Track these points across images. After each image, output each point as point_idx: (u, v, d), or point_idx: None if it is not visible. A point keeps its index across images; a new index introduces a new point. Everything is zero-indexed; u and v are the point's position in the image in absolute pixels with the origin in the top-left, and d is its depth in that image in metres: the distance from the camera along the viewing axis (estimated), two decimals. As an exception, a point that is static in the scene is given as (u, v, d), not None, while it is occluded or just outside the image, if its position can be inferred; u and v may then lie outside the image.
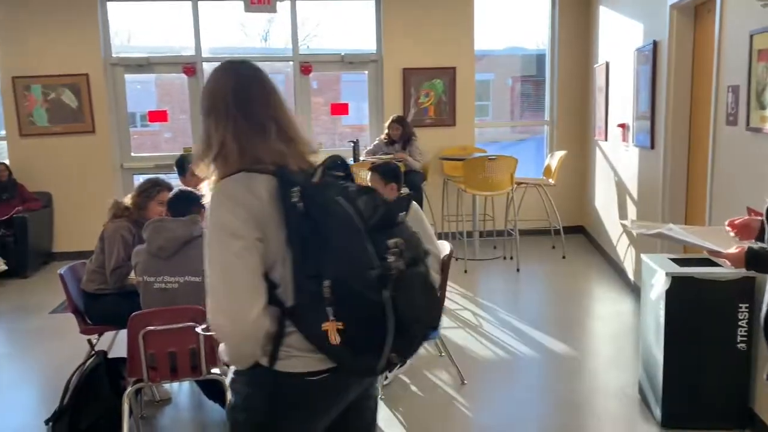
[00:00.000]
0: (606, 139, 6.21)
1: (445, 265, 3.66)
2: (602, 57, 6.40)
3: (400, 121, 6.46)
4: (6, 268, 6.00)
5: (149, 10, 7.41)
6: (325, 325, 1.42)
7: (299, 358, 1.50)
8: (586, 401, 3.49)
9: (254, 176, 1.51)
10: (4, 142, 6.77)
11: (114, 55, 6.90)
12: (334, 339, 1.42)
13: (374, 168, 3.81)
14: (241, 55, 8.36)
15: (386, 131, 6.50)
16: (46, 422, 3.28)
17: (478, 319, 4.79)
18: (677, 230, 2.23)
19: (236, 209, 1.48)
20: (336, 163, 1.60)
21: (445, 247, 3.71)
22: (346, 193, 1.50)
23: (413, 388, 3.69)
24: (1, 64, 6.58)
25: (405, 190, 4.44)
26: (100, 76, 6.72)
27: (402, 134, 6.42)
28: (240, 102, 1.59)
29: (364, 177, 5.70)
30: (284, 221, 1.46)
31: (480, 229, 6.88)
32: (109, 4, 6.80)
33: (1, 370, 4.23)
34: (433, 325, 1.64)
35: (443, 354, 4.07)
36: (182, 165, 4.39)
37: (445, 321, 4.71)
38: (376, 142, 6.65)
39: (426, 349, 4.25)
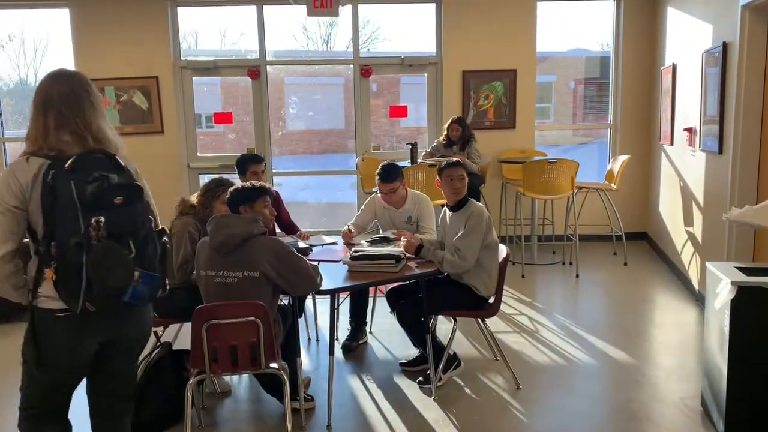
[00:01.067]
0: (672, 144, 6.03)
1: (501, 268, 3.65)
2: (669, 59, 6.22)
3: (459, 121, 6.41)
4: None
5: (216, 14, 7.66)
6: (46, 272, 2.03)
7: (50, 299, 2.07)
8: (646, 411, 3.40)
9: (34, 159, 2.07)
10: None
11: (183, 59, 7.16)
12: (50, 282, 2.02)
13: (459, 162, 3.82)
14: (303, 58, 8.51)
15: (445, 132, 6.48)
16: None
17: (535, 325, 4.74)
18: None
19: (9, 181, 2.06)
20: (92, 158, 2.09)
21: (502, 251, 3.71)
22: (80, 179, 2.01)
23: (467, 390, 3.69)
24: (77, 68, 6.92)
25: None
26: (169, 79, 6.99)
27: (461, 135, 6.37)
28: (47, 103, 2.12)
29: (421, 179, 5.73)
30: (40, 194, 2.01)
31: (539, 234, 6.80)
32: (179, 9, 7.06)
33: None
34: (122, 289, 2.05)
35: (498, 358, 4.05)
36: (241, 165, 4.51)
37: (500, 325, 4.69)
38: (435, 144, 6.66)
39: (481, 352, 4.25)
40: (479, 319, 3.81)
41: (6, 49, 7.45)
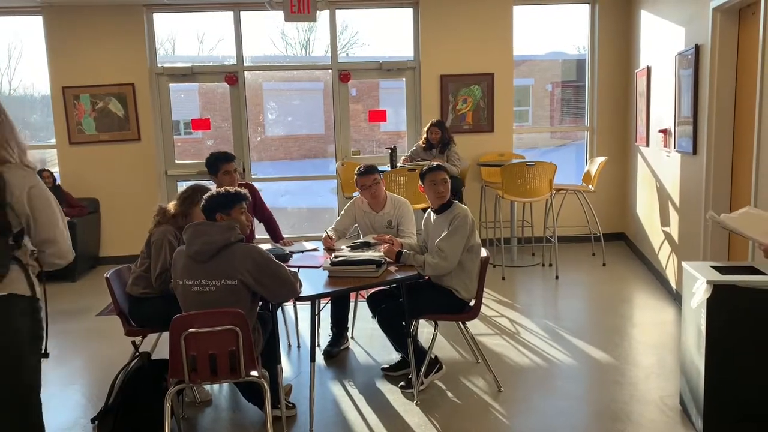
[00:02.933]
0: (647, 145, 6.11)
1: (481, 270, 3.67)
2: (643, 62, 6.31)
3: (438, 125, 6.43)
4: None
5: (193, 20, 7.62)
6: None
7: None
8: (626, 411, 3.43)
9: None
10: (54, 150, 7.02)
11: (159, 65, 7.10)
12: None
13: (441, 166, 3.83)
14: (281, 63, 8.50)
15: (424, 136, 6.49)
16: (92, 420, 3.40)
17: (516, 327, 4.76)
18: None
19: None
20: None
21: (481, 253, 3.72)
22: None
23: (449, 394, 3.69)
24: (51, 75, 6.85)
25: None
26: (146, 86, 6.92)
27: (440, 138, 6.39)
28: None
29: (401, 183, 5.74)
30: None
31: (518, 236, 6.84)
32: (155, 15, 7.00)
33: (49, 370, 4.38)
34: None
35: (480, 361, 4.06)
36: (212, 165, 4.46)
37: (481, 327, 4.70)
38: (414, 147, 6.67)
39: (462, 355, 4.26)
40: (460, 323, 3.81)
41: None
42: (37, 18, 6.83)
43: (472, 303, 3.69)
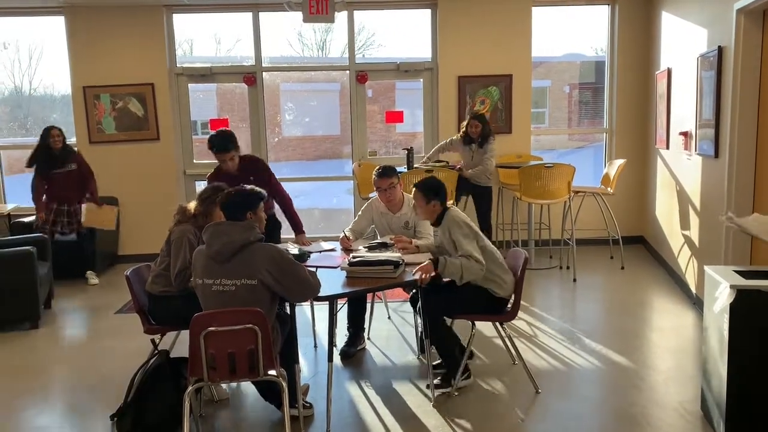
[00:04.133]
0: (667, 148, 6.05)
1: (520, 272, 3.65)
2: (664, 63, 6.25)
3: (480, 118, 6.17)
4: (97, 282, 6.41)
5: (212, 21, 7.66)
6: None
7: None
8: (645, 415, 3.40)
9: None
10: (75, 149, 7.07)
11: (178, 65, 7.15)
12: None
13: (417, 185, 3.74)
14: (298, 64, 8.53)
15: (463, 129, 6.26)
16: (111, 417, 3.42)
17: (533, 329, 4.73)
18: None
19: None
20: None
21: (519, 255, 3.75)
22: None
23: (466, 396, 3.68)
24: (72, 75, 6.92)
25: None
26: (165, 86, 6.97)
27: (481, 132, 6.15)
28: None
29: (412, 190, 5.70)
30: None
31: (535, 238, 6.80)
32: (174, 15, 7.05)
33: (69, 367, 4.43)
34: None
35: (516, 362, 4.01)
36: (226, 142, 4.47)
37: (490, 331, 4.66)
38: (449, 140, 6.44)
39: (479, 357, 4.23)
40: (498, 323, 3.78)
41: (1, 56, 7.42)
42: (59, 18, 6.91)
43: (510, 302, 3.67)
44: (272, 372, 2.95)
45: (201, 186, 4.49)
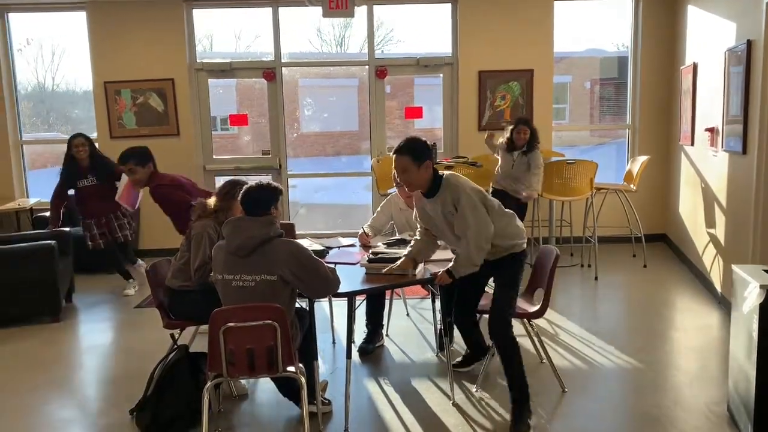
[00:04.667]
0: (692, 144, 5.93)
1: (551, 270, 3.59)
2: (689, 58, 6.13)
3: (527, 123, 5.64)
4: (134, 293, 5.87)
5: (231, 16, 7.66)
6: None
7: None
8: (670, 417, 3.33)
9: None
10: (96, 144, 7.10)
11: (198, 61, 7.16)
12: None
13: (397, 149, 3.24)
14: (318, 59, 8.51)
15: (507, 135, 5.73)
16: (131, 412, 3.44)
17: (554, 328, 4.67)
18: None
19: None
20: None
21: (551, 252, 3.67)
22: None
23: (486, 394, 3.63)
24: (94, 71, 6.96)
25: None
26: (185, 81, 6.99)
27: (529, 139, 5.59)
28: None
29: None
30: None
31: (556, 236, 6.72)
32: (194, 11, 7.06)
33: (89, 361, 4.46)
34: None
35: (544, 361, 3.94)
36: (146, 156, 4.92)
37: (519, 328, 4.60)
38: (499, 141, 5.85)
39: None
40: (526, 320, 3.74)
41: (24, 53, 7.49)
42: (80, 14, 6.95)
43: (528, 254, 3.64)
44: (291, 368, 2.94)
45: (220, 181, 4.49)
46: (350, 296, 3.28)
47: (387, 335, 4.58)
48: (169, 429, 3.25)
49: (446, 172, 3.31)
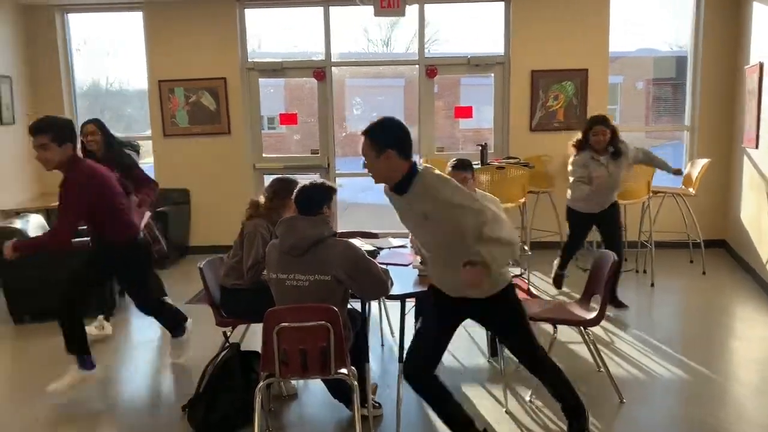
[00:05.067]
0: (757, 147, 5.69)
1: (609, 275, 3.47)
2: (754, 57, 5.87)
3: (605, 122, 4.82)
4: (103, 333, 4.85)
5: (282, 15, 7.70)
6: None
7: None
8: (730, 430, 3.18)
9: None
10: (148, 141, 7.25)
11: (249, 60, 7.22)
12: None
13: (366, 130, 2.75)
14: (366, 59, 8.48)
15: (576, 139, 4.99)
16: (183, 408, 3.46)
17: (609, 335, 4.53)
18: None
19: None
20: None
21: (608, 256, 3.55)
22: None
23: (538, 402, 3.54)
24: (149, 69, 7.09)
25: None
26: (237, 80, 7.06)
27: (611, 140, 4.81)
28: None
29: (484, 181, 5.56)
30: None
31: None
32: (246, 11, 7.13)
33: (142, 355, 4.53)
34: None
35: (601, 369, 3.82)
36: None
37: (572, 335, 4.48)
38: (581, 156, 4.92)
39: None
40: (582, 328, 3.64)
41: (81, 52, 7.67)
42: (136, 14, 7.09)
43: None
44: (343, 370, 2.91)
45: (269, 180, 4.50)
46: (403, 299, 3.24)
47: (436, 338, 4.51)
48: (220, 427, 3.27)
49: (423, 166, 2.71)
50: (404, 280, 3.35)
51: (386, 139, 2.63)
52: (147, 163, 7.12)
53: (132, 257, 3.84)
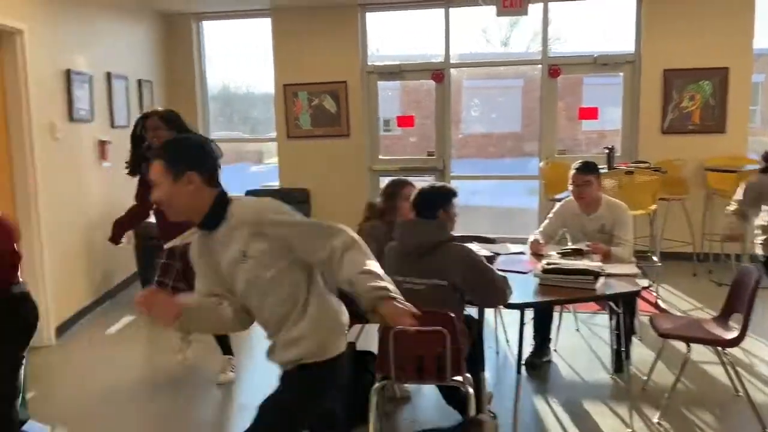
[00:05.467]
0: None
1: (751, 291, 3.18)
2: None
3: None
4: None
5: (401, 18, 7.74)
6: None
7: None
8: None
9: None
10: (269, 143, 7.52)
11: (369, 63, 7.32)
12: None
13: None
14: (486, 60, 8.36)
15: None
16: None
17: (750, 358, 4.14)
18: None
19: None
20: None
21: (752, 272, 3.27)
22: None
23: (665, 424, 3.28)
24: (276, 74, 7.36)
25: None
26: (357, 83, 7.17)
27: None
28: None
29: (611, 185, 5.27)
30: None
31: (751, 252, 5.99)
32: (368, 14, 7.23)
33: (253, 347, 4.69)
34: None
35: (740, 393, 3.52)
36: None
37: (707, 355, 4.12)
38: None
39: (685, 384, 3.78)
40: (720, 348, 3.36)
41: (212, 58, 8.09)
42: (263, 20, 7.38)
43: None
44: (459, 377, 2.85)
45: (384, 182, 4.53)
46: (522, 308, 3.13)
47: (555, 350, 4.34)
48: (331, 427, 3.29)
49: (235, 196, 2.15)
50: (523, 288, 3.23)
51: (186, 159, 2.05)
52: (272, 164, 7.41)
53: None
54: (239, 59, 10.89)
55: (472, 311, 3.33)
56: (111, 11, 6.09)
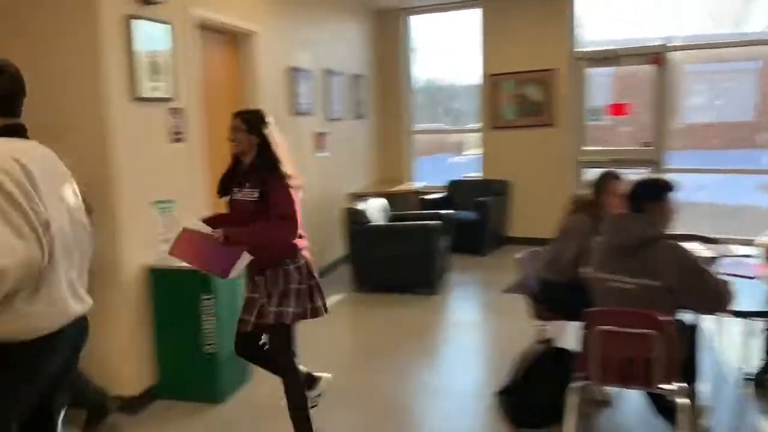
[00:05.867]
0: None
1: None
2: None
3: None
4: None
5: (610, 1, 7.30)
6: None
7: None
8: None
9: None
10: (471, 134, 7.54)
11: (577, 49, 7.01)
12: None
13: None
14: (713, 42, 7.58)
15: None
16: (497, 394, 3.53)
17: None
18: None
19: None
20: None
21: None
22: None
23: None
24: (484, 64, 7.37)
25: None
26: (565, 71, 6.92)
27: None
28: None
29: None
30: None
31: None
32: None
33: (457, 335, 4.78)
34: None
35: None
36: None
37: None
38: None
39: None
40: None
41: (417, 51, 8.30)
42: (474, 12, 7.39)
43: None
44: (669, 386, 2.64)
45: (589, 173, 4.31)
46: (747, 316, 2.80)
47: (787, 368, 3.82)
48: (529, 421, 3.25)
49: None
50: (750, 295, 2.90)
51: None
52: (476, 154, 7.45)
53: None
54: (443, 51, 11.07)
55: (686, 316, 3.06)
56: (332, 11, 6.56)
